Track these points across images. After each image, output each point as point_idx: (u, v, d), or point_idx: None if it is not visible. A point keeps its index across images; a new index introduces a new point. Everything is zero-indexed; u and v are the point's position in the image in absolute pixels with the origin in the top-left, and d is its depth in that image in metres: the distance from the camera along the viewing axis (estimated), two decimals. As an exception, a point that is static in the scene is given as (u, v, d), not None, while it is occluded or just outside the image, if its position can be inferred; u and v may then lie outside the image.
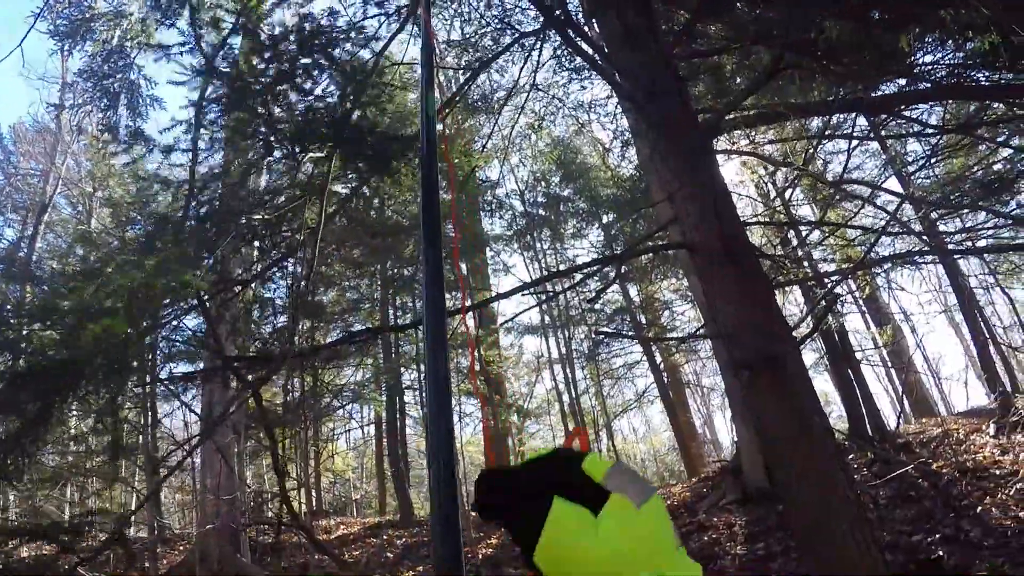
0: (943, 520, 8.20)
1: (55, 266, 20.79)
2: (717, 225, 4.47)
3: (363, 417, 25.36)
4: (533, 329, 22.88)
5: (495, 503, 0.83)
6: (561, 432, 20.11)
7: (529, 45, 8.47)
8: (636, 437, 34.35)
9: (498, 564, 10.76)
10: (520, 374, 24.10)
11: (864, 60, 5.79)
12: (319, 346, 6.25)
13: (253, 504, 12.42)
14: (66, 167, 24.44)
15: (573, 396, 18.24)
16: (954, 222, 13.80)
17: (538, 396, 24.85)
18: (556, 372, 20.82)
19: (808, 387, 4.13)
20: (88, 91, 7.95)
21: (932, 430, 12.75)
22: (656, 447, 31.92)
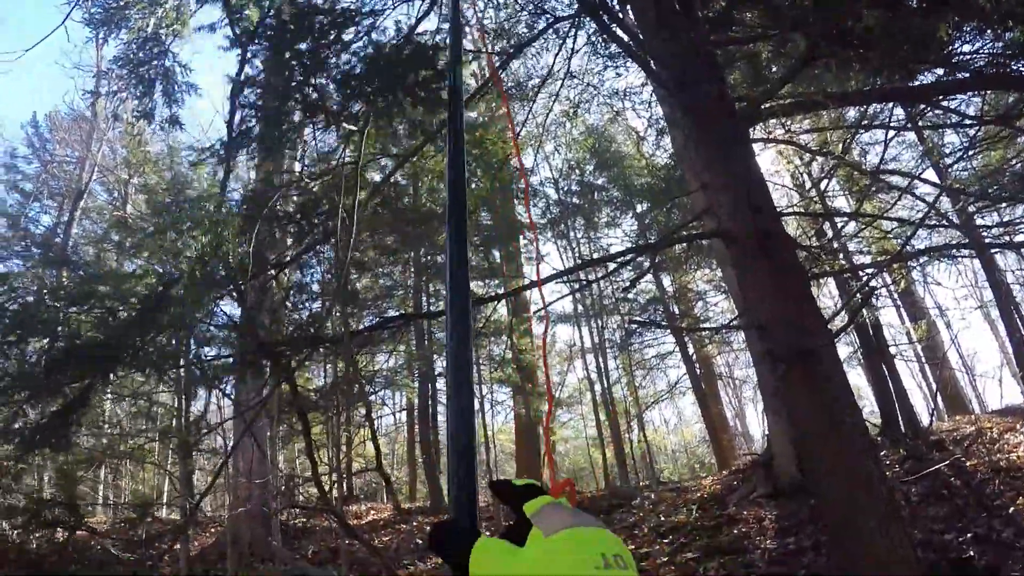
0: (975, 519, 8.11)
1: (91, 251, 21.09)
2: (752, 215, 4.44)
3: (395, 404, 25.53)
4: (566, 318, 22.89)
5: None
6: (592, 423, 20.08)
7: (564, 31, 8.43)
8: (667, 428, 34.32)
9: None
10: (552, 363, 24.11)
11: (901, 49, 5.71)
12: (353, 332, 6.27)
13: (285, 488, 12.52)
14: (102, 154, 24.76)
15: (605, 386, 18.22)
16: (992, 216, 13.61)
17: (570, 385, 24.90)
18: (588, 361, 20.83)
19: (842, 381, 4.09)
20: (123, 78, 8.01)
21: (966, 428, 12.62)
22: (687, 439, 31.84)
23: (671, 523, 10.65)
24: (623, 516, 11.86)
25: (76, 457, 14.28)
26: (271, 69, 5.42)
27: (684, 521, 10.55)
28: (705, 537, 9.57)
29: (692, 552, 9.07)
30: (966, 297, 21.93)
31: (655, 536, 10.24)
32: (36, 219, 25.94)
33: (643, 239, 19.53)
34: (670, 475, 23.89)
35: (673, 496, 12.88)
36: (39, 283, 6.34)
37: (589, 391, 20.66)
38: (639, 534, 10.55)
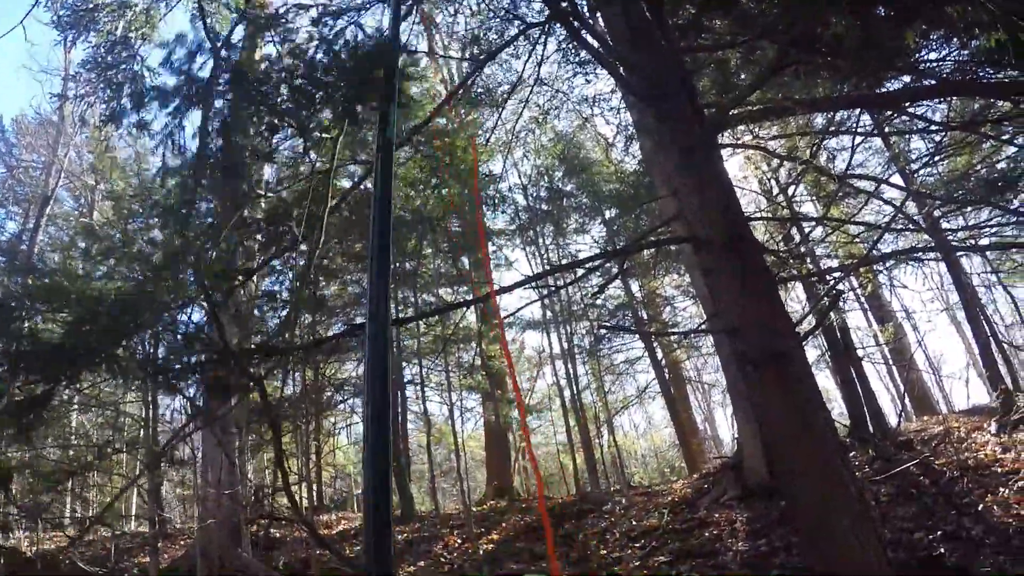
0: (945, 518, 8.21)
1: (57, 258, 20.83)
2: (721, 220, 4.47)
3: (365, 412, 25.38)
4: (535, 324, 22.84)
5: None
6: (562, 427, 20.12)
7: (534, 38, 8.45)
8: (637, 433, 34.35)
9: (498, 559, 10.77)
10: (521, 369, 24.10)
11: (869, 56, 5.78)
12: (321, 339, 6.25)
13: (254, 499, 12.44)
14: (68, 159, 24.45)
15: (574, 391, 18.22)
16: (957, 219, 13.81)
17: (539, 391, 24.87)
18: (558, 367, 20.81)
19: (811, 383, 4.13)
20: (91, 82, 7.93)
21: (933, 428, 12.78)
22: (657, 443, 31.91)
23: (642, 527, 10.67)
24: (594, 521, 11.87)
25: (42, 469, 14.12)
26: (237, 78, 5.40)
27: (655, 525, 10.57)
28: (677, 540, 9.60)
29: (664, 556, 9.11)
30: (932, 300, 22.12)
31: (627, 540, 10.25)
32: (1, 225, 25.61)
33: (612, 245, 19.58)
34: (641, 479, 23.91)
35: (644, 500, 12.91)
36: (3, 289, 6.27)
37: (559, 397, 20.66)
38: (611, 539, 10.56)
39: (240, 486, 11.06)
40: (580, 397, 18.38)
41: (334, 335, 6.60)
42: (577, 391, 18.31)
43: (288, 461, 10.02)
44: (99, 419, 16.51)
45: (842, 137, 10.76)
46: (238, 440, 11.65)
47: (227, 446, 10.62)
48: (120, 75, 7.43)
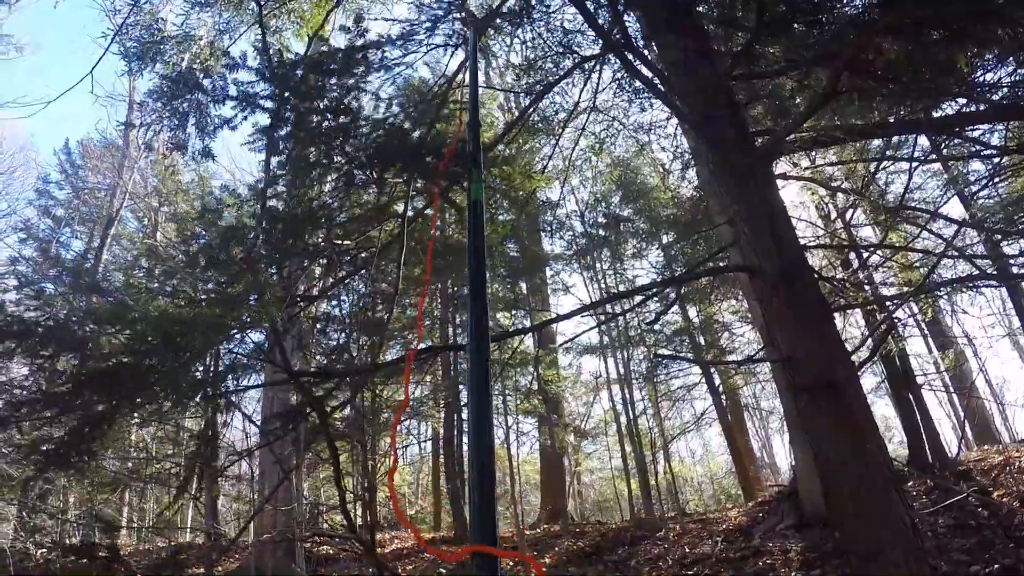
0: (1003, 551, 8.05)
1: (121, 278, 21.36)
2: (775, 248, 4.50)
3: (420, 433, 25.58)
4: (592, 349, 22.84)
5: None
6: (618, 452, 20.03)
7: (589, 68, 8.56)
8: (693, 460, 34.08)
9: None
10: (578, 394, 24.10)
11: (922, 79, 5.77)
12: (380, 364, 6.35)
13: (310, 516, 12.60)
14: (132, 182, 25.09)
15: (630, 417, 18.15)
16: (1019, 243, 13.55)
17: (595, 416, 24.82)
18: (614, 392, 20.76)
19: (866, 413, 4.12)
20: (157, 111, 8.19)
21: (994, 458, 12.51)
22: (713, 470, 31.60)
23: (696, 555, 10.61)
24: (648, 547, 11.82)
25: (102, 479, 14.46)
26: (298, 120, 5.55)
27: (709, 553, 10.51)
28: (730, 569, 9.53)
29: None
30: (993, 325, 21.69)
31: (679, 568, 10.20)
32: (67, 245, 26.31)
33: (669, 271, 19.52)
34: (696, 506, 23.71)
35: (698, 527, 12.83)
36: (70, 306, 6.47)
37: (615, 422, 20.58)
38: (663, 566, 10.52)
39: (296, 503, 11.22)
40: (636, 422, 18.29)
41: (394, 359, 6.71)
42: (633, 416, 18.23)
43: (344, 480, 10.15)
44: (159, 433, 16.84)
45: (900, 161, 10.68)
46: (295, 458, 11.84)
47: (285, 463, 10.80)
48: (185, 105, 7.66)
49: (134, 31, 8.78)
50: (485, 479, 1.66)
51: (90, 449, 4.83)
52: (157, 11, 9.21)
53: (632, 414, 18.19)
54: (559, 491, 20.78)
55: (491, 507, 1.61)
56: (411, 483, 26.87)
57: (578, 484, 25.02)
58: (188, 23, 9.00)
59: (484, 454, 1.71)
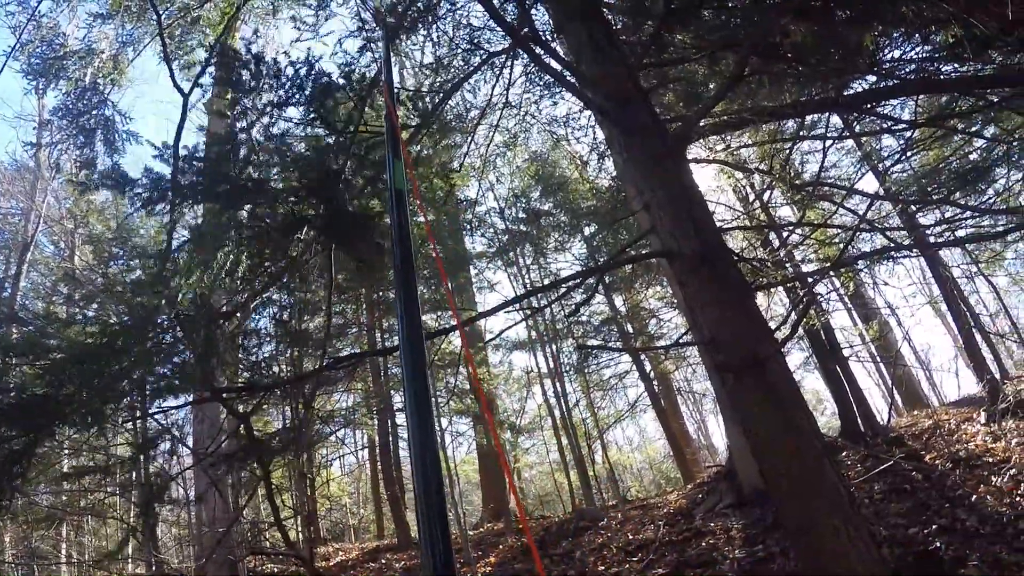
0: (939, 511, 8.24)
1: (40, 305, 20.75)
2: (693, 232, 4.52)
3: (355, 442, 25.34)
4: (521, 345, 22.87)
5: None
6: (555, 445, 20.10)
7: (500, 63, 8.54)
8: (631, 447, 34.37)
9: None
10: (511, 390, 24.09)
11: (831, 60, 5.86)
12: (303, 374, 6.26)
13: (250, 535, 12.39)
14: (47, 205, 24.35)
15: (564, 409, 18.20)
16: (933, 214, 13.92)
17: (530, 411, 24.85)
18: (547, 386, 20.83)
19: (792, 388, 4.16)
20: (64, 129, 7.96)
21: (924, 422, 12.84)
22: (651, 455, 31.89)
23: (639, 540, 10.66)
24: (591, 538, 11.85)
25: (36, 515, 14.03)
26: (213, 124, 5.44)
27: (652, 538, 10.57)
28: (674, 552, 9.60)
29: (662, 568, 9.10)
30: (914, 294, 22.29)
31: (624, 555, 10.24)
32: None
33: (592, 261, 19.64)
34: (637, 492, 23.90)
35: (640, 514, 12.91)
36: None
37: (549, 416, 20.65)
38: (607, 554, 10.55)
39: (235, 523, 11.00)
40: (571, 414, 18.36)
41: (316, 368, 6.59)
42: (567, 409, 18.30)
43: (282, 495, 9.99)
44: (90, 462, 16.41)
45: (814, 140, 10.88)
46: (231, 477, 11.60)
47: (219, 483, 10.58)
48: (92, 121, 7.46)
49: (35, 47, 8.53)
50: (434, 506, 1.59)
51: (12, 486, 4.65)
52: (58, 26, 8.96)
53: (566, 406, 18.26)
54: (499, 489, 20.78)
55: (446, 534, 1.55)
56: (351, 492, 26.61)
57: (519, 480, 25.03)
58: (91, 36, 8.77)
59: (431, 473, 1.65)
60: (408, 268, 2.21)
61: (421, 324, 2.07)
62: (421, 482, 1.57)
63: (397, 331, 2.07)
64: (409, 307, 2.07)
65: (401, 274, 2.20)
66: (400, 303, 2.10)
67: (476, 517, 22.07)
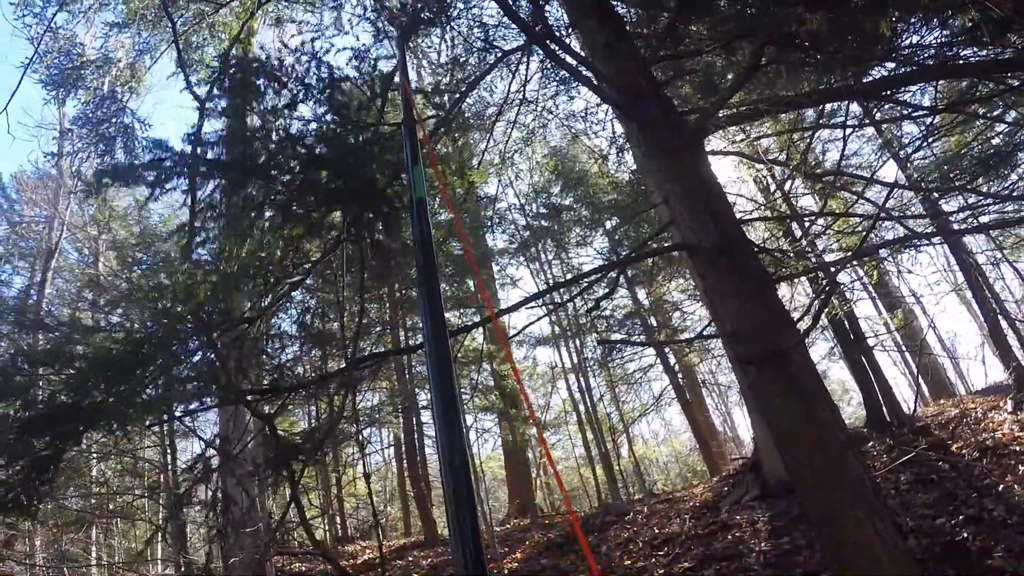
0: (966, 501, 8.18)
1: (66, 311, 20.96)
2: (712, 224, 4.51)
3: (382, 440, 25.46)
4: (544, 340, 22.89)
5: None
6: (580, 440, 20.07)
7: (516, 60, 8.55)
8: (657, 440, 34.29)
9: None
10: (536, 386, 24.11)
11: (848, 48, 5.81)
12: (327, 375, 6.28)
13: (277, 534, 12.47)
14: (70, 212, 24.57)
15: (589, 404, 18.18)
16: (956, 200, 13.79)
17: (555, 407, 24.86)
18: (571, 381, 20.82)
19: (814, 379, 4.14)
20: (84, 137, 8.04)
21: (950, 411, 12.72)
22: (677, 449, 31.78)
23: (665, 534, 10.66)
24: (617, 532, 11.85)
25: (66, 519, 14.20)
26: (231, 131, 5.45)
27: (678, 532, 10.56)
28: (700, 546, 9.58)
29: (688, 562, 9.09)
30: (938, 282, 22.09)
31: (650, 549, 10.23)
32: (8, 282, 25.70)
33: (614, 255, 19.60)
34: (663, 486, 23.85)
35: (666, 507, 12.89)
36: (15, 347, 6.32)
37: (574, 411, 20.65)
38: (634, 548, 10.55)
39: (262, 523, 11.07)
40: (595, 409, 18.34)
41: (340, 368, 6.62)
42: (592, 403, 18.27)
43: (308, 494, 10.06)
44: (118, 466, 16.57)
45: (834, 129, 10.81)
46: (257, 476, 11.68)
47: (246, 484, 10.64)
48: (111, 129, 7.53)
49: (53, 57, 8.62)
50: (463, 505, 1.59)
51: (41, 491, 4.70)
52: (75, 36, 9.04)
53: (590, 401, 18.23)
54: (525, 485, 20.80)
55: (476, 535, 1.55)
56: (378, 491, 26.69)
57: (545, 476, 25.03)
58: (107, 46, 8.85)
59: (459, 473, 1.65)
60: (431, 270, 2.23)
61: (445, 324, 2.08)
62: (450, 482, 1.57)
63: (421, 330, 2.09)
64: (433, 307, 2.09)
65: (424, 276, 2.22)
66: (424, 303, 2.11)
67: (502, 513, 22.11)
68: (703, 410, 23.49)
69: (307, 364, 9.88)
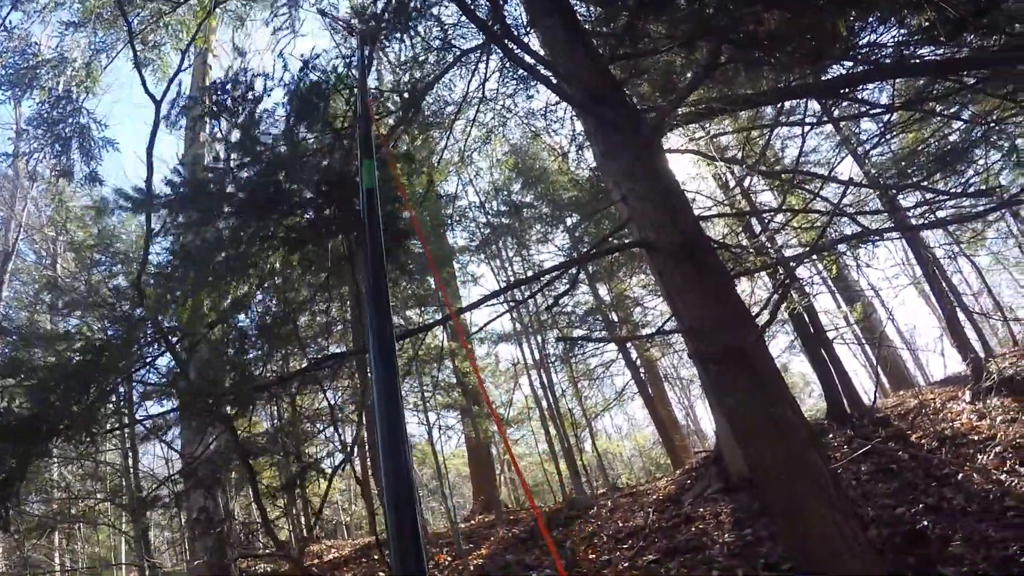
0: (926, 490, 8.30)
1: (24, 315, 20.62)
2: (671, 223, 4.54)
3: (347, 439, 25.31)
4: (506, 337, 22.87)
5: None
6: (543, 436, 20.11)
7: (475, 59, 8.55)
8: (620, 435, 34.47)
9: (488, 574, 10.77)
10: (498, 382, 24.10)
11: (806, 46, 5.87)
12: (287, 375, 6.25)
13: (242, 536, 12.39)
14: (27, 213, 24.17)
15: (551, 400, 18.21)
16: (913, 196, 13.98)
17: (518, 403, 24.86)
18: (533, 378, 20.84)
19: (774, 375, 4.19)
20: (39, 138, 7.92)
21: (909, 402, 12.91)
22: (641, 443, 31.91)
23: (629, 528, 10.71)
24: (581, 526, 11.91)
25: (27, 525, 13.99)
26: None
27: (642, 525, 10.62)
28: (664, 538, 9.64)
29: (652, 554, 9.14)
30: (897, 276, 22.40)
31: (614, 543, 10.28)
32: (-37, 286, 25.20)
33: (576, 252, 19.67)
34: (627, 480, 23.96)
35: (630, 501, 12.97)
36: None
37: (537, 407, 20.66)
38: (598, 542, 10.59)
39: (225, 525, 10.99)
40: (558, 405, 18.36)
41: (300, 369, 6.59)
42: (554, 399, 18.30)
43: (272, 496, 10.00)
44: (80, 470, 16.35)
45: (793, 126, 10.91)
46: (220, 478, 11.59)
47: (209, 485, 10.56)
48: (68, 129, 7.43)
49: (8, 57, 8.48)
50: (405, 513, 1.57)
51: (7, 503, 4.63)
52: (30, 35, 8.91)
53: (553, 397, 18.25)
54: (489, 481, 20.80)
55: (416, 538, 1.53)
56: (343, 489, 26.53)
57: (509, 472, 25.03)
58: (63, 45, 8.73)
59: (403, 483, 1.63)
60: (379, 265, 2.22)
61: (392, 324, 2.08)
62: (394, 518, 1.55)
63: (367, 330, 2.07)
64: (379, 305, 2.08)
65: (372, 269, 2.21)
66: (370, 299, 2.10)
67: (466, 510, 22.09)
68: (665, 404, 23.63)
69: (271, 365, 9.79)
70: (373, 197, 2.62)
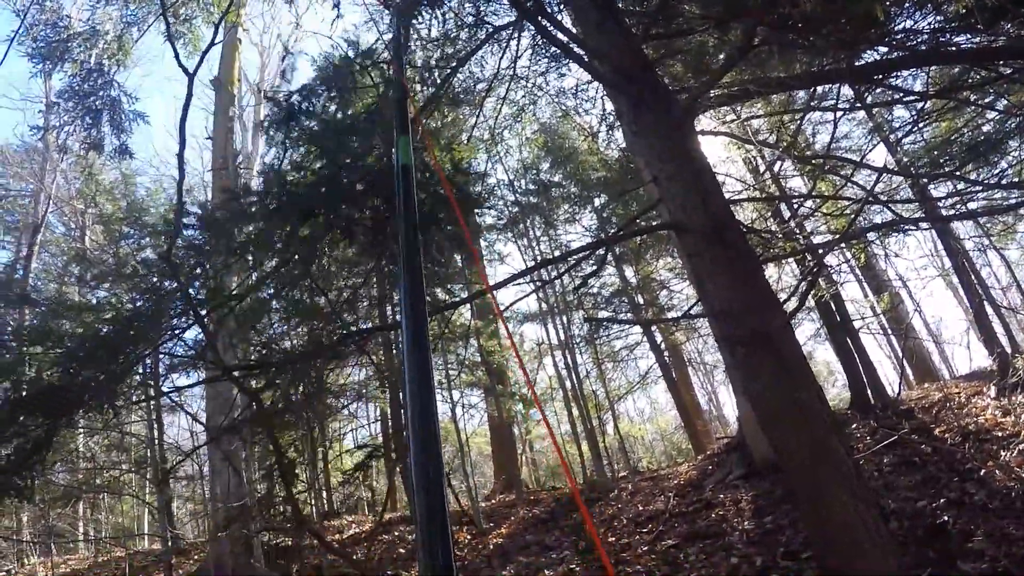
0: (948, 485, 8.23)
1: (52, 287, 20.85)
2: (702, 205, 4.51)
3: (368, 415, 25.45)
4: (532, 317, 22.90)
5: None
6: (566, 417, 20.11)
7: (507, 36, 8.50)
8: (642, 418, 34.42)
9: (507, 553, 10.82)
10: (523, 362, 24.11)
11: (841, 31, 5.80)
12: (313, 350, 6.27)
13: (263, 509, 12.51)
14: (56, 186, 24.37)
15: (575, 381, 18.20)
16: (945, 186, 13.82)
17: (541, 383, 24.88)
18: (557, 358, 20.85)
19: (800, 361, 4.16)
20: (70, 111, 7.97)
21: (934, 395, 12.80)
22: (663, 427, 31.87)
23: (649, 512, 10.72)
24: (602, 509, 11.93)
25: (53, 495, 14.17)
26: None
27: (662, 509, 10.62)
28: (684, 523, 9.64)
29: (671, 539, 9.14)
30: (926, 267, 22.18)
31: (634, 526, 10.30)
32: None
33: (603, 232, 19.63)
34: (648, 464, 23.96)
35: (650, 485, 12.98)
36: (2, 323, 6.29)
37: (560, 387, 20.66)
38: (618, 525, 10.61)
39: (248, 498, 11.09)
40: (581, 386, 18.36)
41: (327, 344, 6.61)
42: (578, 380, 18.29)
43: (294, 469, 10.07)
44: (105, 441, 16.54)
45: (825, 111, 10.80)
46: (244, 451, 11.69)
47: (233, 459, 10.66)
48: (98, 102, 7.46)
49: (40, 30, 8.52)
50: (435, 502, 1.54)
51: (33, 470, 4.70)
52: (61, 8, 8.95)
53: (577, 378, 18.24)
54: (511, 461, 20.88)
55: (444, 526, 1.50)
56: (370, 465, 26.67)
57: (531, 452, 25.09)
58: (95, 18, 8.76)
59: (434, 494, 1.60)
60: (413, 241, 2.21)
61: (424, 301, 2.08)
62: (424, 502, 1.53)
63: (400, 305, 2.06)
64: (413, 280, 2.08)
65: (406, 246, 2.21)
66: (404, 274, 2.10)
67: (488, 489, 22.19)
68: (689, 389, 23.57)
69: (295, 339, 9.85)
70: (408, 173, 2.61)
